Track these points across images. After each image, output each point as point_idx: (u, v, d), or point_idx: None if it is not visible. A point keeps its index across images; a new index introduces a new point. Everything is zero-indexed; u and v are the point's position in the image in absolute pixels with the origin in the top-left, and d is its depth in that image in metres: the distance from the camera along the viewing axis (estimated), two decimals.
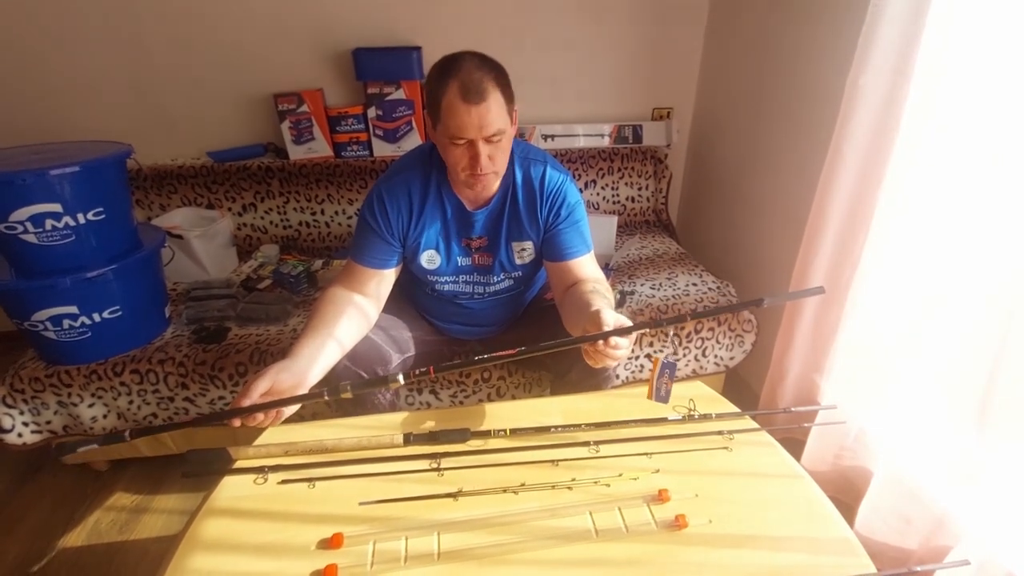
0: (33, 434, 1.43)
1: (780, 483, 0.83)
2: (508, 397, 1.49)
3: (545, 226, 1.14)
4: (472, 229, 1.14)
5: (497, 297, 1.25)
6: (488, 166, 0.99)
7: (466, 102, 0.93)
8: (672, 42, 2.07)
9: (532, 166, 1.13)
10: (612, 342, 0.83)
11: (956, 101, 1.01)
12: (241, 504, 0.79)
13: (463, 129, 0.95)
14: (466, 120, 0.94)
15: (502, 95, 0.97)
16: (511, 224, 1.14)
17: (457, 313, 1.28)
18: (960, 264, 1.04)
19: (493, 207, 1.13)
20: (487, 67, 0.96)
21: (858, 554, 0.71)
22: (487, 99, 0.93)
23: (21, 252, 1.28)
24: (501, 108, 0.96)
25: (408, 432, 0.89)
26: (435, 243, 1.14)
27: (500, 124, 0.96)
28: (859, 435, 1.30)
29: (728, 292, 1.65)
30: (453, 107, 0.93)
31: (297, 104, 1.84)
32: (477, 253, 1.17)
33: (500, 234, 1.15)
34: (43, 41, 1.75)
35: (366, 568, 0.69)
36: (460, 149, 0.98)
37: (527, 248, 1.17)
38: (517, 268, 1.19)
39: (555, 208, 1.13)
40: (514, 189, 1.12)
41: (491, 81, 0.95)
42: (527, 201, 1.13)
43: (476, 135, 0.95)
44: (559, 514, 0.77)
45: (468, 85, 0.92)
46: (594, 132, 2.08)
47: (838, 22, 1.39)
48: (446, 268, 1.17)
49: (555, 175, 1.13)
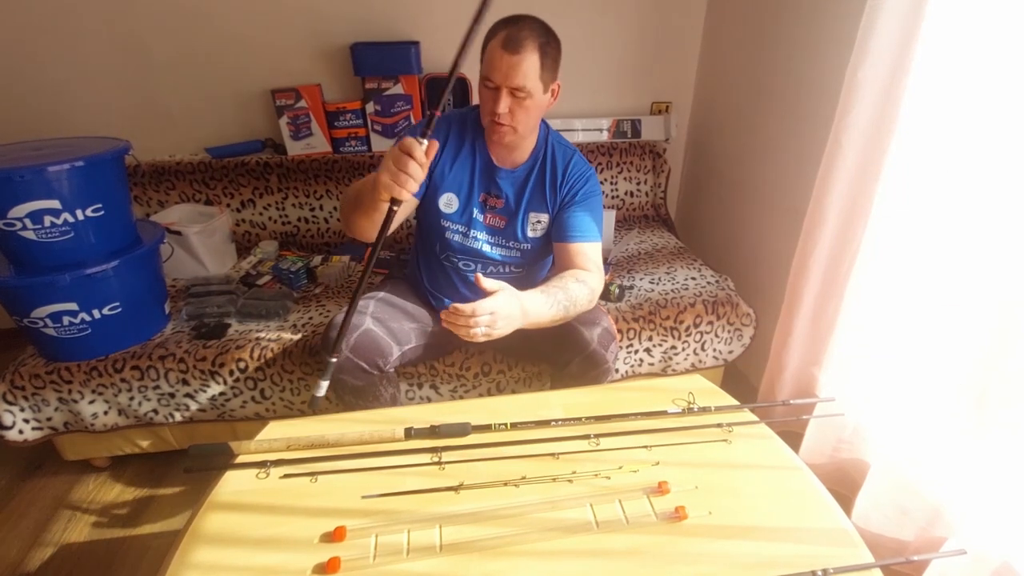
0: (34, 431, 1.43)
1: (779, 475, 0.84)
2: (508, 391, 1.50)
3: (561, 203, 1.21)
4: (494, 186, 1.22)
5: (499, 276, 1.26)
6: (506, 117, 1.07)
7: (503, 49, 1.03)
8: (671, 36, 2.06)
9: (565, 150, 1.24)
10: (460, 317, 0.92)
11: (955, 93, 1.01)
12: (243, 498, 0.80)
13: (491, 71, 1.05)
14: (497, 64, 1.04)
15: (540, 60, 1.05)
16: (534, 193, 1.22)
17: (454, 291, 1.31)
18: (958, 257, 1.05)
19: (520, 173, 1.22)
20: (539, 31, 1.06)
21: (856, 545, 0.72)
22: (522, 54, 1.03)
23: (20, 249, 1.28)
24: (534, 69, 1.05)
25: (409, 426, 0.90)
26: (457, 187, 1.22)
27: (526, 81, 1.04)
28: (857, 428, 1.31)
29: (727, 286, 1.66)
30: (492, 51, 1.05)
31: (295, 99, 1.83)
32: (491, 213, 1.24)
33: (522, 200, 1.22)
34: (41, 38, 1.74)
35: (369, 560, 0.70)
36: (488, 93, 1.08)
37: (542, 220, 1.24)
38: (528, 240, 1.25)
39: (575, 188, 1.21)
40: (543, 162, 1.22)
41: (534, 43, 1.04)
42: (552, 175, 1.21)
43: (501, 82, 1.04)
44: (560, 506, 0.77)
45: (512, 36, 1.03)
46: (593, 127, 2.08)
47: (837, 15, 1.39)
48: (460, 217, 1.23)
49: (583, 163, 1.24)
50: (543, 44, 1.06)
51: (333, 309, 1.58)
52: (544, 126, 1.25)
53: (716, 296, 1.60)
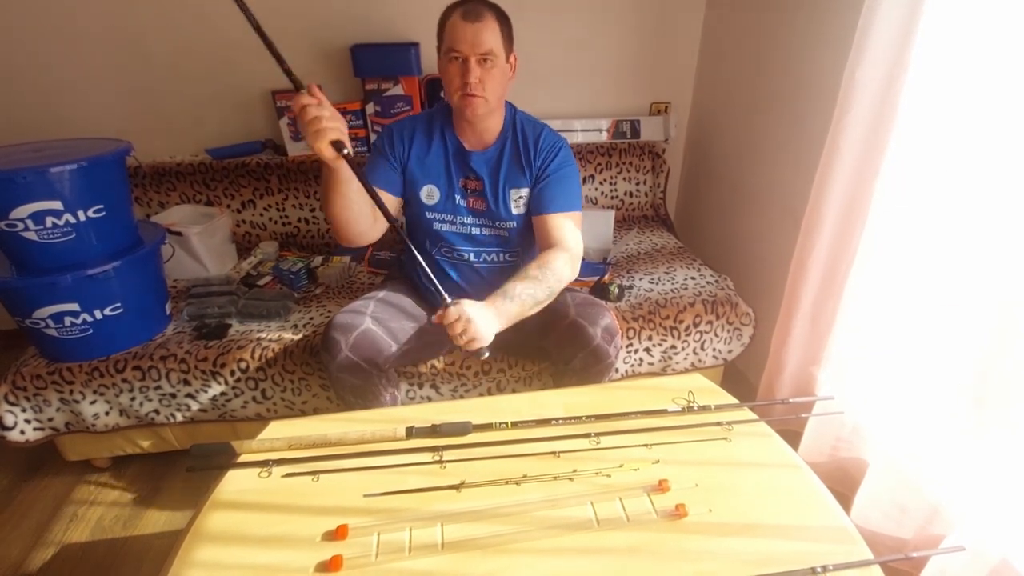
0: (35, 431, 1.43)
1: (778, 473, 0.84)
2: (508, 390, 1.50)
3: (537, 175, 1.25)
4: (470, 170, 1.25)
5: (489, 267, 1.32)
6: (477, 88, 1.11)
7: (464, 20, 1.08)
8: (670, 37, 2.07)
9: (532, 125, 1.28)
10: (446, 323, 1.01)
11: (953, 94, 1.02)
12: (246, 497, 0.80)
13: (458, 42, 1.09)
14: (462, 34, 1.08)
15: (499, 26, 1.11)
16: (511, 169, 1.25)
17: (451, 283, 1.33)
18: (956, 256, 1.05)
19: (491, 153, 1.25)
20: (491, 5, 1.13)
21: (855, 542, 0.73)
22: (483, 20, 1.08)
23: (22, 250, 1.28)
24: (496, 35, 1.10)
25: (410, 426, 0.90)
26: (435, 177, 1.26)
27: (492, 45, 1.09)
28: (855, 426, 1.31)
29: (726, 285, 1.66)
30: (454, 25, 1.09)
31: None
32: (473, 196, 1.27)
33: (499, 179, 1.25)
34: (43, 39, 1.75)
35: (371, 559, 0.70)
36: (455, 66, 1.11)
37: (523, 195, 1.27)
38: (513, 217, 1.27)
39: (548, 160, 1.25)
40: (513, 137, 1.25)
41: (490, 12, 1.11)
42: (524, 149, 1.25)
43: (469, 51, 1.09)
44: (561, 504, 0.78)
45: (469, 8, 1.09)
46: (592, 127, 2.08)
47: (835, 15, 1.40)
48: (444, 206, 1.27)
49: (553, 135, 1.28)
50: (499, 13, 1.13)
51: (333, 309, 1.59)
52: (510, 107, 1.28)
53: (715, 296, 1.60)
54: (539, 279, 1.12)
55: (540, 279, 1.12)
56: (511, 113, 1.27)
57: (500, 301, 1.07)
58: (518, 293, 1.09)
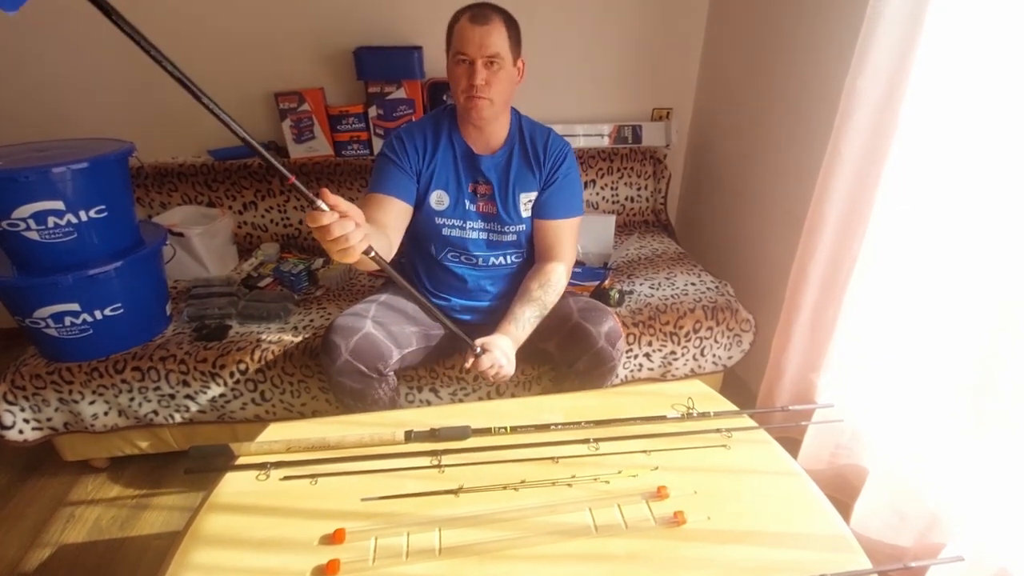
0: (34, 431, 1.43)
1: (777, 480, 0.84)
2: (508, 395, 1.50)
3: (546, 179, 1.27)
4: (479, 173, 1.26)
5: (496, 269, 1.33)
6: (483, 89, 1.12)
7: (472, 23, 1.10)
8: (672, 43, 2.08)
9: (539, 130, 1.29)
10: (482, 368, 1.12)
11: (953, 102, 1.02)
12: (243, 500, 0.80)
13: (465, 44, 1.10)
14: (469, 37, 1.09)
15: (507, 31, 1.12)
16: (520, 172, 1.26)
17: (458, 286, 1.34)
18: (956, 263, 1.05)
19: (499, 157, 1.26)
20: (500, 10, 1.14)
21: (854, 550, 0.72)
22: (491, 24, 1.10)
23: (23, 249, 1.29)
24: (503, 38, 1.11)
25: (409, 429, 0.90)
26: (444, 183, 1.25)
27: (499, 48, 1.10)
28: (855, 434, 1.31)
29: (727, 292, 1.66)
30: (462, 28, 1.11)
31: (298, 103, 1.84)
32: (483, 200, 1.27)
33: (508, 182, 1.26)
34: (45, 39, 1.75)
35: (368, 563, 0.70)
36: (462, 68, 1.12)
37: (532, 198, 1.28)
38: (523, 220, 1.28)
39: (558, 163, 1.27)
40: (521, 140, 1.27)
41: (499, 16, 1.12)
42: (534, 153, 1.26)
43: (476, 53, 1.09)
44: (559, 510, 0.78)
45: (477, 13, 1.11)
46: (594, 132, 2.08)
47: (837, 24, 1.40)
48: (453, 211, 1.26)
49: (560, 140, 1.29)
50: (507, 18, 1.13)
51: (334, 312, 1.59)
52: (514, 111, 1.29)
53: (716, 302, 1.60)
54: (542, 300, 1.22)
55: (543, 300, 1.22)
56: (516, 118, 1.29)
57: (512, 329, 1.18)
58: (527, 318, 1.20)
